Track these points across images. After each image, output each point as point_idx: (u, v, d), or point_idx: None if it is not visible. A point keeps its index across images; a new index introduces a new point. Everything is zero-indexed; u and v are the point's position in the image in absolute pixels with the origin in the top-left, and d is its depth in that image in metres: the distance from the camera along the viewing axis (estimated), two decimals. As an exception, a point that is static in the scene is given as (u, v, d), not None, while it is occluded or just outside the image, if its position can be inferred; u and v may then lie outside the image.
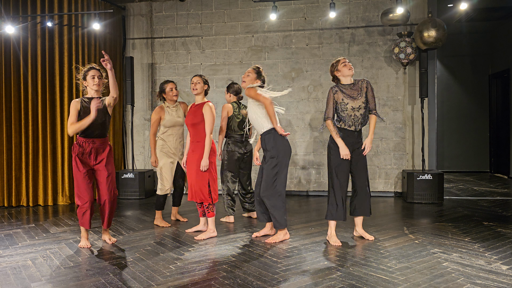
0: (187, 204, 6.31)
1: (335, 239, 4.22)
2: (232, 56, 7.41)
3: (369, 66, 7.02)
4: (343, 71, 4.22)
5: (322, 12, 7.12)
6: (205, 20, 7.47)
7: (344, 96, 4.19)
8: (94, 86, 4.12)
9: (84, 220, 4.11)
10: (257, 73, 4.37)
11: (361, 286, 3.09)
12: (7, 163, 6.29)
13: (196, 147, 4.47)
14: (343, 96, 4.19)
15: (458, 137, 10.24)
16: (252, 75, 4.34)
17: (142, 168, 7.64)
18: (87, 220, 4.11)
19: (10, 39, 6.25)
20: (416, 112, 6.93)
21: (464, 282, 3.14)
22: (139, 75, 7.64)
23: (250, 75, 4.34)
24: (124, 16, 7.64)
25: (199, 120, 4.43)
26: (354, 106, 4.17)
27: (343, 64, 4.22)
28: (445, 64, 10.20)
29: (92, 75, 4.12)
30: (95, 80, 4.12)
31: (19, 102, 6.35)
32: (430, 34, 6.27)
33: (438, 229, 4.73)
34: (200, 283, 3.19)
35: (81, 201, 4.07)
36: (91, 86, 4.13)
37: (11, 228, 5.04)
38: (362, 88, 4.22)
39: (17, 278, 3.37)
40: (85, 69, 4.18)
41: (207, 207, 4.44)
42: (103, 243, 4.32)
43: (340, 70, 4.23)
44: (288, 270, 3.47)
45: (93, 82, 4.12)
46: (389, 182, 7.04)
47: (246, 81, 4.34)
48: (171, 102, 5.01)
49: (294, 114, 7.22)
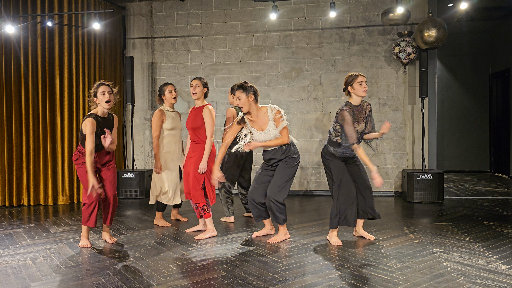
0: (187, 204, 6.32)
1: (335, 239, 4.22)
2: (232, 55, 7.41)
3: (369, 65, 7.02)
4: (358, 90, 4.08)
5: (322, 12, 7.12)
6: (205, 19, 7.47)
7: (354, 120, 4.10)
8: (106, 103, 4.05)
9: (91, 218, 4.12)
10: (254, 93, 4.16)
11: (361, 286, 3.09)
12: (8, 162, 6.29)
13: (196, 148, 4.48)
14: (353, 120, 4.09)
15: (458, 136, 10.24)
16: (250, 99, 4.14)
17: (142, 167, 7.64)
18: (93, 218, 4.13)
19: (10, 39, 6.25)
20: (416, 112, 6.93)
21: (464, 282, 3.14)
22: (139, 75, 7.64)
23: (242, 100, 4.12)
24: (124, 16, 7.64)
25: (200, 124, 4.43)
26: (359, 130, 4.14)
27: (359, 83, 4.06)
28: (445, 63, 10.20)
29: (102, 91, 4.07)
30: (106, 96, 4.05)
31: (19, 102, 6.35)
32: (430, 33, 6.27)
33: (438, 229, 4.73)
34: (200, 283, 3.19)
35: (90, 199, 4.08)
36: (103, 103, 4.06)
37: (11, 227, 5.04)
38: (366, 111, 4.17)
39: (17, 277, 3.37)
40: (95, 85, 4.14)
41: (202, 208, 4.44)
42: (103, 243, 4.32)
43: (354, 88, 4.09)
44: (288, 269, 3.47)
45: (105, 99, 4.05)
46: (389, 182, 7.04)
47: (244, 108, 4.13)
48: (170, 105, 4.99)
49: (294, 113, 7.22)
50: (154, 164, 4.86)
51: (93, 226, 4.16)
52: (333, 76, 7.10)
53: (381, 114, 6.99)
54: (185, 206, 6.16)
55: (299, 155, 4.35)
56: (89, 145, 3.93)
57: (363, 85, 4.07)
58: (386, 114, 6.98)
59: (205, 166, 4.35)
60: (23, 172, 6.36)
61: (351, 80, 4.10)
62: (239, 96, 4.14)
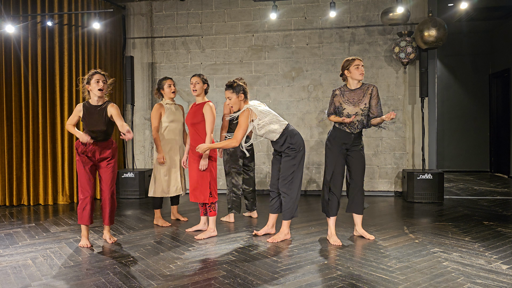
0: (187, 203, 6.32)
1: (335, 238, 4.22)
2: (232, 55, 7.41)
3: (369, 65, 7.01)
4: (354, 73, 4.11)
5: (322, 12, 7.12)
6: (205, 19, 7.47)
7: (343, 101, 4.15)
8: (98, 90, 4.08)
9: (84, 215, 4.10)
10: (243, 92, 4.26)
11: (361, 286, 3.09)
12: (8, 162, 6.29)
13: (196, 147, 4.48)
14: (342, 101, 4.16)
15: (458, 136, 10.24)
16: (240, 99, 4.27)
17: (142, 167, 7.64)
18: (87, 215, 4.10)
19: (10, 39, 6.25)
20: (416, 112, 6.93)
21: (464, 282, 3.14)
22: (139, 75, 7.64)
23: (232, 100, 4.25)
24: (124, 16, 7.64)
25: (199, 120, 4.43)
26: (350, 113, 4.12)
27: (356, 67, 4.09)
28: (445, 63, 10.20)
29: (96, 79, 4.09)
30: (100, 84, 4.08)
31: (19, 101, 6.35)
32: (430, 33, 6.27)
33: (438, 229, 4.73)
34: (200, 283, 3.19)
35: (83, 194, 4.09)
36: (95, 90, 4.08)
37: (11, 227, 5.04)
38: (366, 94, 4.11)
39: (17, 277, 3.37)
40: (90, 73, 4.15)
41: (210, 206, 4.44)
42: (103, 243, 4.32)
43: (351, 71, 4.12)
44: (288, 269, 3.47)
45: (98, 86, 4.08)
46: (389, 182, 7.04)
47: (234, 107, 4.28)
48: (169, 99, 5.01)
49: (295, 113, 7.22)
50: (157, 155, 4.89)
51: (86, 223, 4.14)
52: (333, 76, 7.10)
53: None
54: (185, 206, 6.16)
55: (302, 144, 4.31)
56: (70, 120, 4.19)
57: (360, 68, 4.09)
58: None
59: (206, 163, 4.36)
60: (23, 172, 6.36)
61: (348, 64, 4.14)
62: (229, 96, 4.25)
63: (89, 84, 4.11)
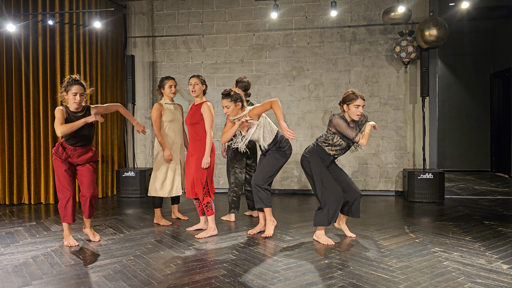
0: (187, 202, 6.32)
1: (325, 238, 4.20)
2: (233, 54, 7.40)
3: (370, 65, 7.01)
4: (351, 112, 3.98)
5: (323, 11, 7.11)
6: (206, 18, 7.47)
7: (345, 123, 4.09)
8: (74, 104, 4.03)
9: (67, 212, 4.09)
10: (240, 100, 4.30)
11: (362, 285, 3.09)
12: (9, 161, 6.30)
13: (196, 147, 4.51)
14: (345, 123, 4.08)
15: (459, 136, 10.23)
16: (238, 107, 4.30)
17: (143, 166, 7.64)
18: (69, 212, 4.09)
19: (11, 38, 6.25)
20: (417, 111, 6.93)
21: (464, 281, 3.14)
22: (140, 74, 7.64)
23: (230, 109, 4.28)
24: (125, 15, 7.64)
25: (198, 120, 4.48)
26: (350, 145, 4.14)
27: (356, 106, 3.94)
28: (446, 63, 10.19)
29: (74, 92, 4.01)
30: (76, 98, 4.01)
31: (20, 100, 6.36)
32: (431, 33, 6.26)
33: (439, 228, 4.73)
34: (201, 282, 3.19)
35: (63, 194, 4.08)
36: (71, 103, 4.04)
37: (12, 226, 5.05)
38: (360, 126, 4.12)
39: (18, 276, 3.37)
40: (69, 81, 4.04)
41: (206, 205, 4.45)
42: (103, 241, 4.32)
43: (350, 109, 3.98)
44: (288, 268, 3.47)
45: (74, 100, 4.01)
46: (390, 181, 7.04)
47: (231, 115, 4.32)
48: (168, 98, 5.05)
49: (295, 112, 7.22)
50: (164, 153, 4.89)
51: (70, 221, 4.14)
52: (334, 75, 7.10)
53: (382, 113, 6.99)
54: (185, 205, 6.16)
55: (290, 149, 4.45)
56: (59, 121, 3.95)
57: (359, 109, 3.95)
58: (387, 113, 6.98)
59: (208, 161, 4.39)
60: (24, 171, 6.37)
61: (349, 100, 3.97)
62: (227, 105, 4.29)
63: (66, 93, 4.05)
